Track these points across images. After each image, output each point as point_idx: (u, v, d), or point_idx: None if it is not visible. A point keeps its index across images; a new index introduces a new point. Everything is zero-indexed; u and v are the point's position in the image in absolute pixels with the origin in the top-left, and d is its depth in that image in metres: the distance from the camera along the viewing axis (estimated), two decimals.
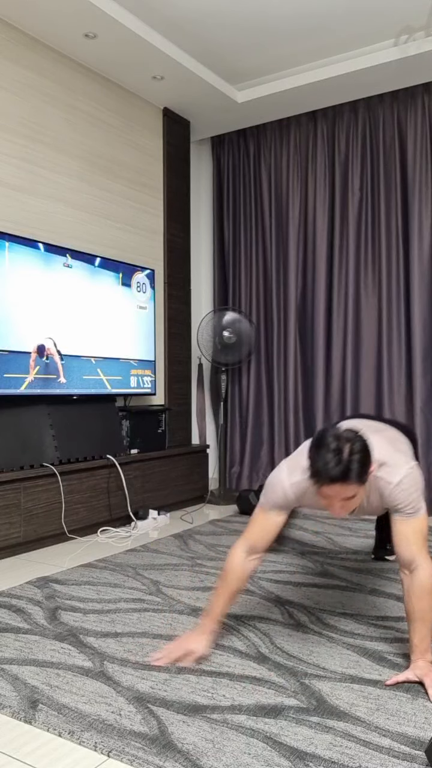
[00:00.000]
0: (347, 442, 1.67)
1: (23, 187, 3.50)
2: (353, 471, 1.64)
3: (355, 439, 1.69)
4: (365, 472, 1.67)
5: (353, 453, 1.65)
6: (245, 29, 3.65)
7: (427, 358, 4.14)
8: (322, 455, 1.66)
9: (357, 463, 1.65)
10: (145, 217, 4.35)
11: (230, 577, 1.91)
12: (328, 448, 1.65)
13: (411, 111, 4.20)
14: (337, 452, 1.64)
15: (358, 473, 1.65)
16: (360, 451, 1.67)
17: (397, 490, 1.80)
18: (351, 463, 1.64)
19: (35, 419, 3.34)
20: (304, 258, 4.65)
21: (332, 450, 1.65)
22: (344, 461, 1.64)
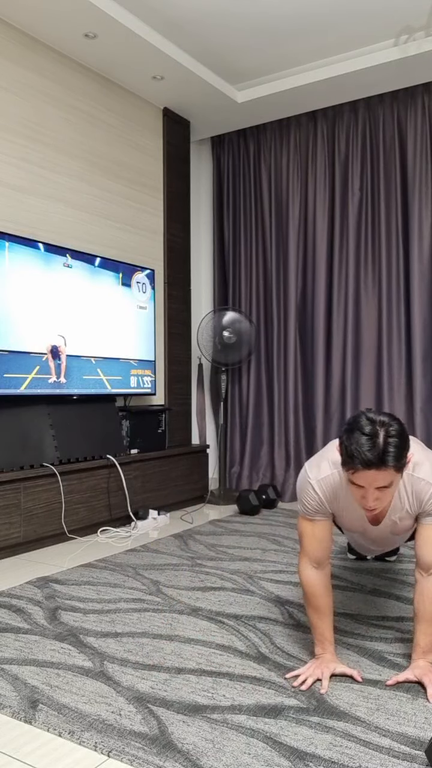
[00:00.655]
0: (383, 426, 1.58)
1: (23, 187, 3.50)
2: (390, 454, 1.55)
3: (391, 422, 1.59)
4: (403, 456, 1.58)
5: (389, 436, 1.56)
6: (245, 29, 3.65)
7: (427, 358, 4.14)
8: (356, 438, 1.56)
9: (394, 447, 1.55)
10: (145, 217, 4.35)
11: (317, 596, 1.82)
12: (362, 431, 1.56)
13: (411, 111, 4.20)
14: (372, 436, 1.55)
15: (396, 457, 1.56)
16: (397, 434, 1.57)
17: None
18: (388, 446, 1.55)
19: (35, 419, 3.34)
20: (304, 258, 4.65)
21: (367, 433, 1.56)
22: (380, 444, 1.54)
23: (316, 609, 1.82)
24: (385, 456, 1.55)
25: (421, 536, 1.77)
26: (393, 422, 1.60)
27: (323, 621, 1.82)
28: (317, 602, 1.82)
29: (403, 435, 1.59)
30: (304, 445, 4.62)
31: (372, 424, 1.58)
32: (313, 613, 1.83)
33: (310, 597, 1.83)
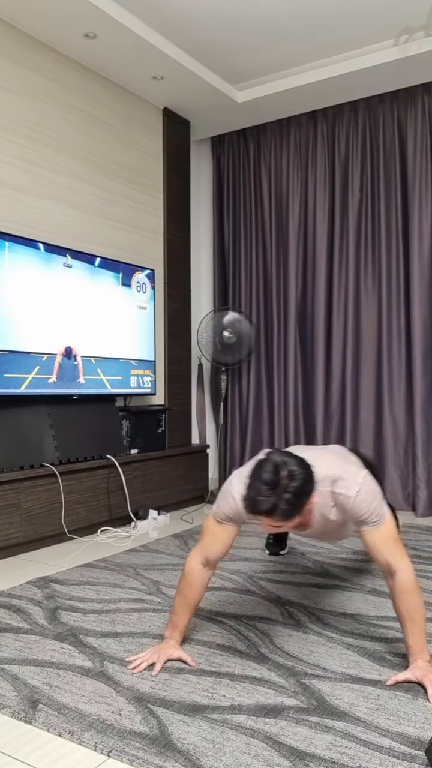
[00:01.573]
0: (287, 477, 1.62)
1: (23, 187, 3.50)
2: (281, 511, 1.61)
3: (296, 475, 1.63)
4: (296, 509, 1.63)
5: (287, 491, 1.61)
6: (245, 29, 3.65)
7: (427, 358, 4.14)
8: (255, 486, 1.62)
9: (286, 503, 1.60)
10: (145, 217, 4.35)
11: (191, 589, 1.90)
12: (262, 480, 1.62)
13: (411, 111, 4.20)
14: (271, 486, 1.61)
15: (286, 513, 1.62)
16: (296, 489, 1.61)
17: (357, 501, 1.79)
18: (280, 501, 1.60)
19: (35, 419, 3.34)
20: (304, 258, 4.65)
21: (266, 483, 1.61)
22: (273, 499, 1.60)
23: (185, 598, 1.90)
24: (275, 510, 1.61)
25: (368, 547, 1.83)
26: (299, 474, 1.64)
27: (184, 612, 1.91)
28: (189, 593, 1.90)
29: (302, 491, 1.63)
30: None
31: (275, 473, 1.62)
32: (180, 601, 1.91)
33: (185, 587, 1.90)
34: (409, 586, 1.75)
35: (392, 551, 1.78)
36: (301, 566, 2.88)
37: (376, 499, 1.82)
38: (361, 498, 1.80)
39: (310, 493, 1.67)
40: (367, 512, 1.79)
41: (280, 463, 1.64)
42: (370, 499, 1.80)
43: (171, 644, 1.90)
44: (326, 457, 1.89)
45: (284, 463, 1.65)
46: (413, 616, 1.75)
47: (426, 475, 4.09)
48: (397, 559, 1.77)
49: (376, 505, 1.80)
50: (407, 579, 1.76)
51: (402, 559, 1.78)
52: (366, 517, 1.80)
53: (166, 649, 1.88)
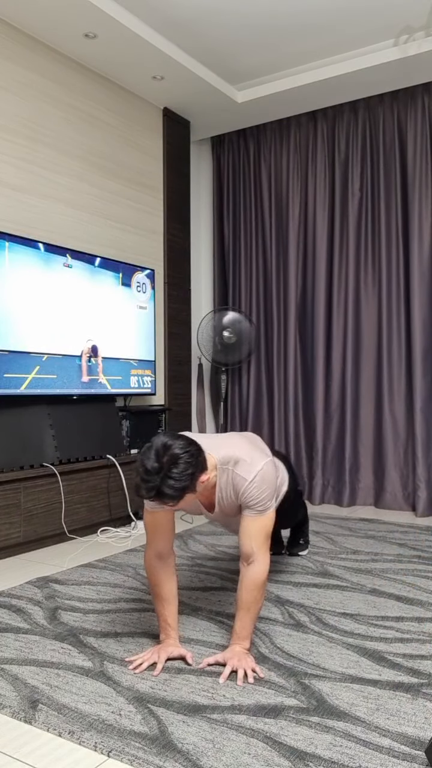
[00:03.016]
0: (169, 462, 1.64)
1: (23, 187, 3.50)
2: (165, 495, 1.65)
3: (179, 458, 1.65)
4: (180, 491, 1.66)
5: (170, 476, 1.64)
6: (245, 29, 3.65)
7: (427, 358, 4.14)
8: (139, 473, 1.65)
9: (170, 488, 1.64)
10: (145, 217, 4.35)
11: (159, 585, 1.93)
12: (146, 468, 1.64)
13: (411, 111, 4.20)
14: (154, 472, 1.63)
15: (172, 496, 1.65)
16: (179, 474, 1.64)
17: (251, 487, 1.86)
18: (164, 485, 1.64)
19: (35, 419, 3.34)
20: (304, 258, 4.65)
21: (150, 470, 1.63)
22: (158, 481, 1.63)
23: (159, 596, 1.93)
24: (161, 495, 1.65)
25: (242, 529, 1.89)
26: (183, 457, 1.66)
27: (166, 608, 1.93)
28: (160, 590, 1.93)
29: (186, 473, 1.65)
30: (304, 445, 4.62)
31: (158, 459, 1.65)
32: (157, 602, 1.94)
33: (154, 586, 1.94)
34: (259, 581, 1.85)
35: (260, 543, 1.87)
36: (301, 566, 2.88)
37: (269, 490, 1.88)
38: (256, 484, 1.86)
39: (194, 474, 1.69)
40: (255, 499, 1.86)
41: (161, 447, 1.66)
42: (264, 488, 1.87)
43: (170, 642, 1.92)
44: (234, 440, 1.95)
45: (167, 447, 1.67)
46: (250, 607, 1.86)
47: (426, 475, 4.10)
48: (261, 552, 1.87)
49: (266, 496, 1.87)
50: (260, 573, 1.85)
51: (264, 554, 1.87)
52: (253, 504, 1.87)
53: (166, 647, 1.89)
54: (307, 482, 4.57)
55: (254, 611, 1.86)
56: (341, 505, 4.37)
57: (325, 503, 4.47)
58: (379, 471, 4.30)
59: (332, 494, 4.45)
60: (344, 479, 4.37)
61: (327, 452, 4.49)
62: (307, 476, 4.58)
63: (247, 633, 1.87)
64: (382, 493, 4.26)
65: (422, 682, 1.76)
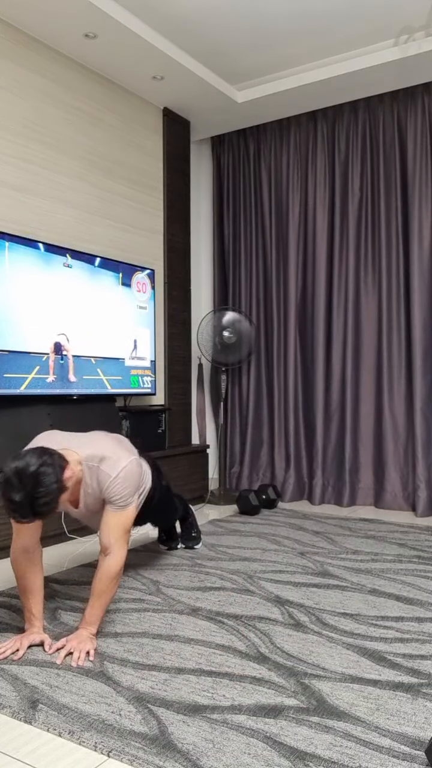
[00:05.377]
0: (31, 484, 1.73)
1: (23, 187, 3.50)
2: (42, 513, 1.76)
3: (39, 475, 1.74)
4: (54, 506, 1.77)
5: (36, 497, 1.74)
6: (245, 29, 3.65)
7: (427, 358, 4.14)
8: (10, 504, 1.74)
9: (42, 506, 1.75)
10: (145, 217, 4.35)
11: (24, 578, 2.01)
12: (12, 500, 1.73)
13: (411, 111, 4.20)
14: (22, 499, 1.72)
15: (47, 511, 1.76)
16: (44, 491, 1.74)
17: (114, 483, 1.99)
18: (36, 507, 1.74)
19: (35, 419, 3.34)
20: (304, 258, 4.65)
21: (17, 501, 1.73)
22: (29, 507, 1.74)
23: (23, 589, 2.02)
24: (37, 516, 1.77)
25: (103, 523, 2.02)
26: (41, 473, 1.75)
27: (30, 600, 2.02)
28: (25, 582, 2.02)
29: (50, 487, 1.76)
30: (304, 445, 4.62)
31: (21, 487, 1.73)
32: (22, 594, 2.03)
33: (19, 578, 2.03)
34: (113, 573, 1.98)
35: (118, 536, 2.00)
36: (301, 566, 2.88)
37: (131, 487, 2.01)
38: (119, 480, 1.99)
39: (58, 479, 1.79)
40: (117, 495, 1.99)
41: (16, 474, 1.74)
42: (126, 485, 2.00)
43: (33, 631, 2.00)
44: (101, 439, 2.08)
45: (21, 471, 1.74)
46: (102, 596, 1.99)
47: (426, 475, 4.10)
48: (118, 546, 2.00)
49: (128, 493, 2.01)
50: (114, 566, 1.98)
51: (121, 548, 2.00)
52: (115, 499, 2.00)
53: (28, 635, 1.99)
54: (307, 482, 4.57)
55: (105, 599, 1.99)
56: (341, 505, 4.37)
57: (325, 503, 4.47)
58: (379, 471, 4.30)
59: (332, 494, 4.45)
60: (344, 479, 4.37)
61: (327, 452, 4.49)
62: (307, 476, 4.58)
63: (95, 619, 1.98)
64: (382, 493, 4.26)
65: (422, 682, 1.76)
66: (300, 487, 4.60)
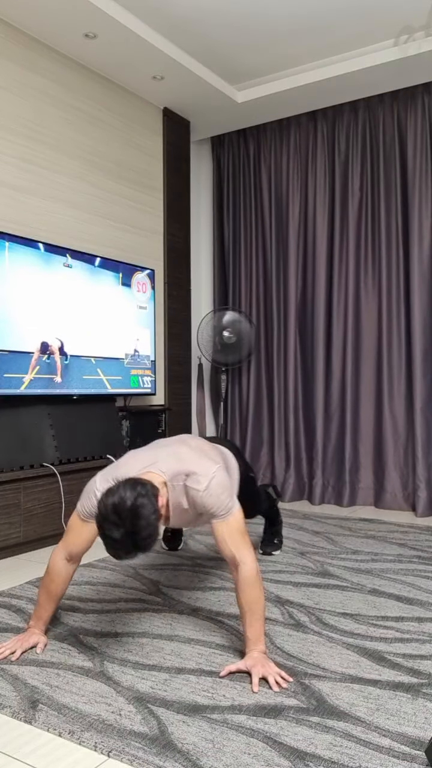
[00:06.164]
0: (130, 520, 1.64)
1: (23, 187, 3.50)
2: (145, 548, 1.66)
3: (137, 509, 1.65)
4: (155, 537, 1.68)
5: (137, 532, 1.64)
6: (245, 29, 3.65)
7: (427, 359, 4.14)
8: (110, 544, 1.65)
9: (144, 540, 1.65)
10: (145, 217, 4.35)
11: (55, 583, 1.97)
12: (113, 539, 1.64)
13: (411, 111, 4.20)
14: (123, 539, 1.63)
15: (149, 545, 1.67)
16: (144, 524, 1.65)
17: (206, 496, 1.86)
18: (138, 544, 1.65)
19: (35, 419, 3.34)
20: (304, 258, 4.65)
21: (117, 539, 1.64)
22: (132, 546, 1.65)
23: (48, 592, 1.99)
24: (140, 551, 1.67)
25: (216, 537, 1.90)
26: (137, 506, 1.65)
27: (48, 604, 1.99)
28: (53, 587, 1.98)
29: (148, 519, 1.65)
30: (304, 445, 4.62)
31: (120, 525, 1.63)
32: (44, 595, 1.99)
33: (49, 582, 1.98)
34: (252, 579, 1.83)
35: (238, 544, 1.86)
36: (301, 566, 2.88)
37: (225, 493, 1.89)
38: (210, 492, 1.87)
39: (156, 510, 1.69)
40: (215, 506, 1.87)
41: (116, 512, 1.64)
42: (218, 493, 1.88)
43: (34, 632, 1.99)
44: (181, 452, 1.95)
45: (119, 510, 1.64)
46: (253, 607, 1.83)
47: (426, 475, 4.10)
48: (242, 552, 1.85)
49: (224, 499, 1.88)
50: (250, 572, 1.83)
51: (247, 552, 1.86)
52: (214, 511, 1.87)
53: (28, 637, 1.97)
54: (307, 482, 4.57)
55: (258, 611, 1.84)
56: (341, 505, 4.37)
57: (325, 503, 4.47)
58: (379, 471, 4.30)
59: (332, 494, 4.45)
60: (344, 479, 4.37)
61: (327, 452, 4.49)
62: (307, 476, 4.58)
63: (258, 635, 1.84)
64: (382, 493, 4.26)
65: (422, 682, 1.76)
66: (300, 487, 4.60)
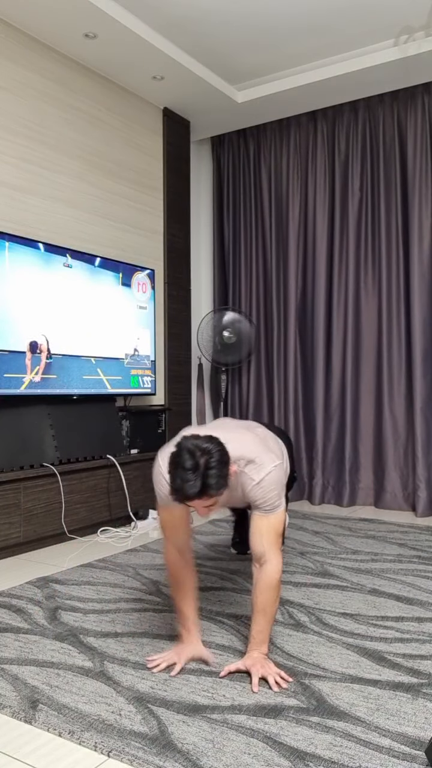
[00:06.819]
0: (203, 456, 1.66)
1: (23, 187, 3.50)
2: (211, 486, 1.66)
3: (211, 451, 1.68)
4: (224, 483, 1.69)
5: (209, 467, 1.66)
6: (245, 29, 3.65)
7: (427, 359, 4.14)
8: (179, 474, 1.66)
9: (214, 477, 1.66)
10: (145, 217, 4.35)
11: (180, 575, 1.94)
12: (184, 468, 1.65)
13: (411, 111, 4.20)
14: (193, 469, 1.65)
15: (217, 486, 1.67)
16: (216, 463, 1.67)
17: (257, 488, 1.85)
18: (208, 479, 1.65)
19: (35, 419, 3.34)
20: (304, 258, 4.65)
21: (188, 468, 1.65)
22: (200, 478, 1.65)
23: (179, 589, 1.94)
24: (206, 489, 1.66)
25: (252, 528, 1.88)
26: (213, 449, 1.69)
27: (186, 602, 1.94)
28: (181, 580, 1.93)
29: (221, 461, 1.68)
30: (304, 445, 4.62)
31: (192, 457, 1.66)
32: (177, 595, 1.94)
33: (174, 578, 1.94)
34: (273, 582, 1.82)
35: (271, 542, 1.85)
36: (301, 566, 2.88)
37: (276, 490, 1.87)
38: (262, 485, 1.85)
39: (227, 463, 1.72)
40: (263, 499, 1.85)
41: (192, 448, 1.68)
42: (271, 488, 1.86)
43: (192, 641, 1.91)
44: (245, 438, 1.93)
45: (196, 447, 1.68)
46: (267, 610, 1.82)
47: (426, 475, 4.10)
48: (272, 552, 1.84)
49: (274, 495, 1.86)
50: (273, 574, 1.82)
51: (276, 553, 1.84)
52: (261, 503, 1.86)
53: (186, 648, 1.89)
54: (307, 482, 4.57)
55: (270, 613, 1.83)
56: (341, 505, 4.37)
57: (325, 503, 4.47)
58: (379, 471, 4.30)
59: (332, 494, 4.45)
60: (344, 479, 4.37)
61: (327, 452, 4.49)
62: (307, 476, 4.58)
63: (264, 637, 1.84)
64: (382, 493, 4.26)
65: (422, 682, 1.76)
66: (300, 487, 4.59)
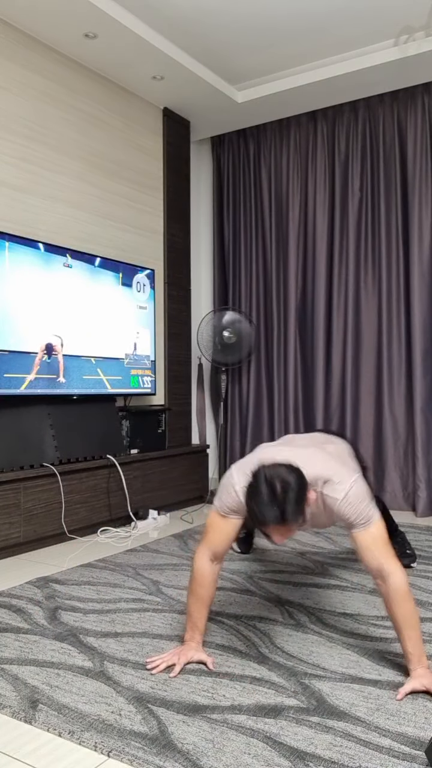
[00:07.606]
0: (279, 484, 1.67)
1: (23, 187, 3.50)
2: (289, 513, 1.66)
3: (287, 478, 1.69)
4: (301, 510, 1.69)
5: (287, 496, 1.66)
6: (245, 29, 3.65)
7: (427, 358, 4.13)
8: (258, 504, 1.68)
9: (292, 505, 1.67)
10: (145, 217, 4.35)
11: (203, 586, 1.92)
12: (262, 498, 1.67)
13: (411, 111, 4.20)
14: (271, 499, 1.66)
15: (294, 514, 1.67)
16: (294, 494, 1.67)
17: (344, 505, 1.81)
18: (286, 506, 1.66)
19: (35, 419, 3.34)
20: (304, 258, 4.65)
21: (266, 499, 1.66)
22: (279, 506, 1.66)
23: (198, 598, 1.92)
24: (285, 515, 1.66)
25: (358, 548, 1.83)
26: (290, 477, 1.69)
27: (200, 611, 1.92)
28: (202, 591, 1.91)
29: (299, 488, 1.69)
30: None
31: (270, 486, 1.67)
32: (193, 601, 1.92)
33: (197, 586, 1.92)
34: (404, 592, 1.73)
35: (383, 554, 1.77)
36: (301, 566, 2.88)
37: (364, 502, 1.82)
38: (349, 501, 1.81)
39: (305, 493, 1.72)
40: (354, 515, 1.80)
41: (271, 477, 1.69)
42: (357, 502, 1.81)
43: (192, 646, 1.90)
44: (319, 457, 1.89)
45: (276, 476, 1.69)
46: (410, 622, 1.72)
47: (426, 475, 4.09)
48: (390, 563, 1.75)
49: (363, 508, 1.80)
50: (402, 584, 1.73)
51: (394, 562, 1.76)
52: (353, 520, 1.80)
53: (187, 651, 1.88)
54: None
55: (416, 624, 1.73)
56: None
57: None
58: (379, 471, 4.30)
59: None
60: None
61: None
62: None
63: (421, 650, 1.73)
64: (382, 493, 4.26)
65: None
66: None
